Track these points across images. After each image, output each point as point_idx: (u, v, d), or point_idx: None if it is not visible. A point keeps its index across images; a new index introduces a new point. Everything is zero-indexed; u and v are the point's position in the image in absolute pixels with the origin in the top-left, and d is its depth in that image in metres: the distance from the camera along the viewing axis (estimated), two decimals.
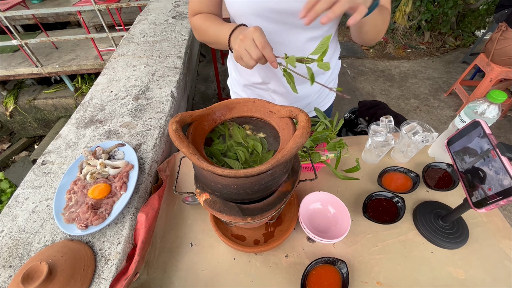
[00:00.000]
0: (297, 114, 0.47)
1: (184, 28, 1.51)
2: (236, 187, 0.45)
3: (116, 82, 1.11)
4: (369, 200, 0.72)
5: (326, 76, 0.85)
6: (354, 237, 0.67)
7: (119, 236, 0.62)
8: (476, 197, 0.47)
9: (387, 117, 0.74)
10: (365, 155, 0.83)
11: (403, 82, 2.89)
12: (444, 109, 2.55)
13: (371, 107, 1.36)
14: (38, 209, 0.68)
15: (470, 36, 3.36)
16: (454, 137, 0.56)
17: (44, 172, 0.77)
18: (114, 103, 1.00)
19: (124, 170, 0.72)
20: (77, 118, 0.95)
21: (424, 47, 3.37)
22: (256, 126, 0.55)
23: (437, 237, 0.65)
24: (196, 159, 0.42)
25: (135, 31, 1.49)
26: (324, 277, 0.59)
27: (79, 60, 3.29)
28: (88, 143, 0.85)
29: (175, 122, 0.46)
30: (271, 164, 0.41)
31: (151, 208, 0.67)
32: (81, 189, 0.68)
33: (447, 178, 0.76)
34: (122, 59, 1.25)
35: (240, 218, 0.49)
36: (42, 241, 0.62)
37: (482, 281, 0.60)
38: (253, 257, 0.65)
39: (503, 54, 2.13)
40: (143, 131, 0.87)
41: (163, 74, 1.13)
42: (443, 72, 3.01)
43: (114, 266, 0.57)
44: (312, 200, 0.68)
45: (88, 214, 0.61)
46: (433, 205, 0.71)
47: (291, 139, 0.43)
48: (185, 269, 0.64)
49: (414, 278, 0.61)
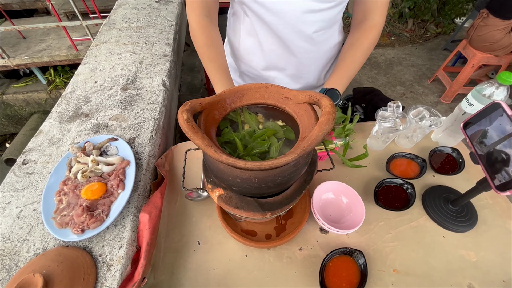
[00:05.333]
0: (319, 99, 0.43)
1: (170, 13, 1.41)
2: (258, 181, 0.41)
3: (100, 71, 1.01)
4: (379, 188, 0.71)
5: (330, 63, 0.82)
6: (366, 225, 0.66)
7: (120, 239, 0.56)
8: (500, 180, 0.47)
9: (395, 102, 0.73)
10: (371, 142, 0.81)
11: (389, 70, 2.94)
12: (428, 95, 2.62)
13: (366, 94, 1.36)
14: (24, 214, 0.61)
15: (450, 23, 3.45)
16: (471, 120, 0.55)
17: (27, 173, 0.69)
18: (100, 95, 0.91)
19: (120, 167, 0.66)
20: (59, 111, 0.86)
21: (407, 35, 3.42)
22: (270, 114, 0.51)
23: (447, 221, 0.65)
24: (213, 152, 0.37)
25: (116, 17, 1.37)
26: (342, 268, 0.58)
27: (50, 51, 3.04)
28: (75, 138, 0.77)
29: (185, 111, 0.41)
30: (297, 153, 0.37)
31: (154, 206, 0.61)
32: (72, 189, 0.61)
33: (452, 162, 0.77)
34: (104, 46, 1.15)
35: (260, 214, 0.45)
36: (31, 249, 0.55)
37: (492, 262, 0.61)
38: (265, 252, 0.62)
39: (484, 40, 2.20)
40: (136, 123, 0.81)
41: (152, 62, 1.05)
42: (426, 59, 3.08)
43: (118, 272, 0.52)
44: (324, 190, 0.65)
45: (83, 217, 0.55)
46: (441, 190, 0.70)
47: (316, 126, 0.39)
48: (194, 269, 0.60)
49: (429, 263, 0.60)
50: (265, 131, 0.47)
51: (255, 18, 0.71)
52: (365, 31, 0.72)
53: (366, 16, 0.71)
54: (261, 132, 0.47)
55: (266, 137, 0.47)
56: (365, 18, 0.72)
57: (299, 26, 0.69)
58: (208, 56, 0.68)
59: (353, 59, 0.72)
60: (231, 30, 0.83)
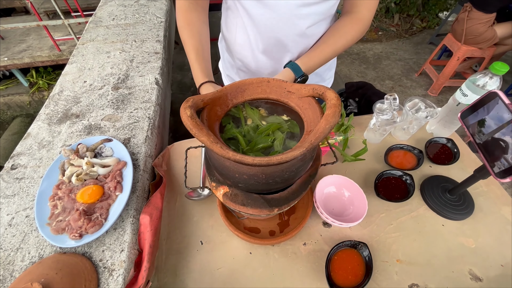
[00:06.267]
0: (323, 92, 0.43)
1: (159, 9, 1.37)
2: (265, 176, 0.40)
3: (88, 70, 0.98)
4: (379, 179, 0.71)
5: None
6: (368, 217, 0.66)
7: (121, 243, 0.55)
8: (499, 167, 0.48)
9: (392, 95, 0.73)
10: (368, 135, 0.82)
11: (378, 64, 2.98)
12: (416, 89, 2.68)
13: (358, 88, 1.36)
14: (16, 221, 0.58)
15: (434, 18, 3.52)
16: (468, 110, 0.56)
17: (16, 178, 0.66)
18: (91, 95, 0.88)
19: (116, 168, 0.63)
20: (48, 113, 0.82)
21: (394, 29, 3.48)
22: (273, 109, 0.50)
23: (446, 210, 0.66)
24: (220, 149, 0.36)
25: (103, 14, 1.33)
26: (347, 261, 0.58)
27: (31, 52, 2.92)
28: (66, 140, 0.74)
29: (188, 107, 0.39)
30: (305, 147, 0.37)
31: (154, 208, 0.60)
32: (67, 193, 0.59)
33: (448, 152, 0.78)
34: (91, 44, 1.10)
35: (267, 210, 0.44)
36: (26, 258, 0.53)
37: (490, 248, 0.62)
38: (270, 249, 0.62)
39: (468, 33, 2.26)
40: (130, 123, 0.78)
41: (143, 60, 1.02)
42: (413, 53, 3.14)
43: (120, 277, 0.50)
44: (327, 184, 0.65)
45: (81, 221, 0.53)
46: (438, 180, 0.72)
47: (323, 119, 0.39)
48: (198, 270, 0.59)
49: (430, 252, 0.62)
50: (269, 126, 0.46)
51: (249, 12, 0.70)
52: (351, 21, 0.70)
53: (353, 8, 0.71)
54: (266, 127, 0.47)
55: (270, 132, 0.46)
56: (352, 10, 0.71)
57: (293, 19, 0.68)
58: (183, 39, 0.70)
59: (334, 46, 0.70)
60: (225, 26, 0.81)
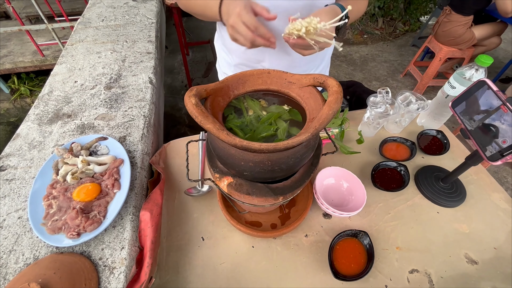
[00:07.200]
0: (324, 80, 0.44)
1: (149, 11, 1.36)
2: (271, 163, 0.40)
3: (79, 71, 0.95)
4: (376, 170, 0.73)
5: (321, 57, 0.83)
6: (367, 207, 0.68)
7: (121, 240, 0.53)
8: (491, 151, 0.50)
9: (384, 88, 0.76)
10: (363, 128, 0.84)
11: (364, 66, 3.06)
12: (402, 89, 2.76)
13: (349, 87, 1.40)
14: (8, 223, 0.55)
15: (416, 21, 3.67)
16: (458, 99, 0.58)
17: (6, 179, 0.63)
18: (82, 94, 0.86)
19: (113, 166, 0.62)
20: (37, 113, 0.79)
21: (378, 33, 3.60)
22: (274, 100, 0.51)
23: (440, 197, 0.69)
24: (226, 136, 0.36)
25: (91, 15, 1.31)
26: (349, 250, 0.59)
27: (13, 57, 2.82)
28: (58, 140, 0.72)
29: (192, 95, 0.39)
30: (310, 133, 0.37)
31: (155, 204, 0.59)
32: (62, 192, 0.57)
33: (438, 143, 0.81)
34: (81, 45, 1.08)
35: (272, 198, 0.44)
36: (20, 260, 0.50)
37: (483, 232, 0.65)
38: (272, 242, 0.62)
39: (448, 35, 2.37)
40: (125, 122, 0.77)
41: (136, 60, 1.01)
42: (397, 55, 3.25)
43: (122, 275, 0.49)
44: (326, 176, 0.66)
45: (78, 220, 0.51)
46: (431, 169, 0.74)
47: (325, 106, 0.40)
48: (201, 266, 0.58)
49: (428, 238, 0.63)
50: (270, 115, 0.47)
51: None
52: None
53: None
54: (267, 116, 0.47)
55: (272, 121, 0.47)
56: None
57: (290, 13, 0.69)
58: None
59: (357, 6, 0.65)
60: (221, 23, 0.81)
